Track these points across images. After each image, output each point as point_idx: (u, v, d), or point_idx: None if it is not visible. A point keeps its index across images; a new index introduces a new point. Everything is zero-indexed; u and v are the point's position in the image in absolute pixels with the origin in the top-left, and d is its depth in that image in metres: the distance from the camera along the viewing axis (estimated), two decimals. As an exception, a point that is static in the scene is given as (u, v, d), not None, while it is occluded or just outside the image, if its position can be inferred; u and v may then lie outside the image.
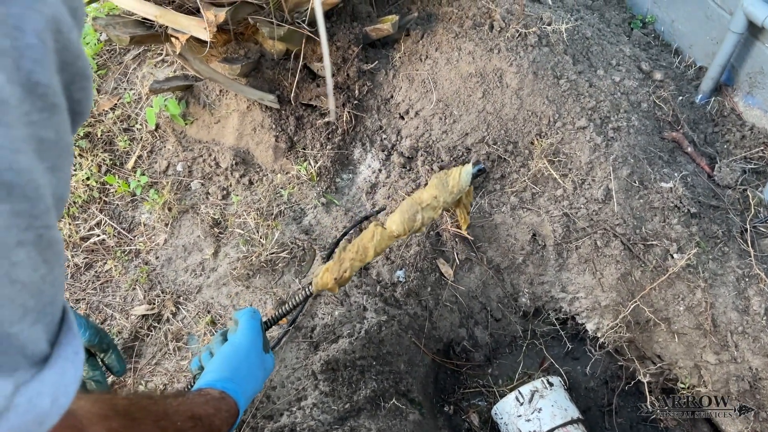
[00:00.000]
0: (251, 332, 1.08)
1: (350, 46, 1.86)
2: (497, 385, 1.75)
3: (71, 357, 0.41)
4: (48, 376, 0.39)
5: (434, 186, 1.13)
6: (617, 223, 1.66)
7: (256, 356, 1.05)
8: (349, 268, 1.20)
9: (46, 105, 0.32)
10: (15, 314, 0.35)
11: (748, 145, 1.88)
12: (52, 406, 0.39)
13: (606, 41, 2.00)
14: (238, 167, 1.86)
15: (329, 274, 1.22)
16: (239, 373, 0.99)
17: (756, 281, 1.59)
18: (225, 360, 1.01)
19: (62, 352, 0.41)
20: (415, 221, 1.11)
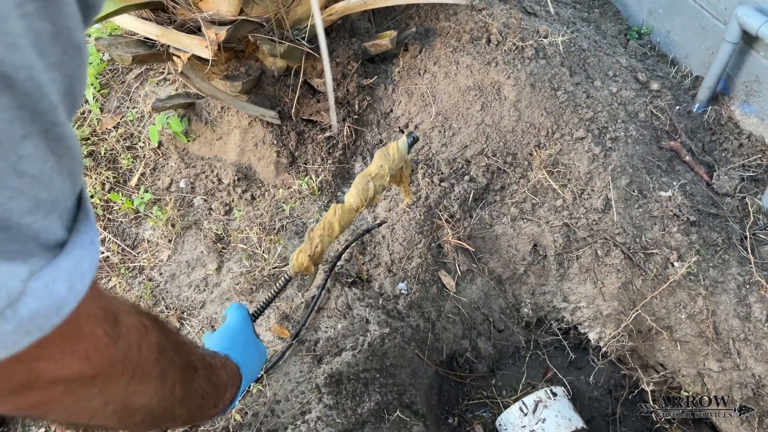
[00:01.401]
0: (241, 317, 1.12)
1: (350, 61, 1.88)
2: (501, 396, 1.75)
3: (87, 246, 0.42)
4: (64, 263, 0.40)
5: (378, 158, 1.27)
6: (617, 233, 1.67)
7: (249, 335, 1.09)
8: (320, 244, 1.28)
9: None
10: (26, 206, 0.35)
11: (746, 152, 1.90)
12: (69, 292, 0.40)
13: (602, 52, 2.02)
14: (240, 183, 1.88)
15: (303, 254, 1.29)
16: (236, 346, 1.02)
17: (757, 288, 1.59)
18: (221, 337, 1.05)
19: (78, 240, 0.41)
20: (368, 190, 1.25)
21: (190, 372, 0.68)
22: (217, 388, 0.80)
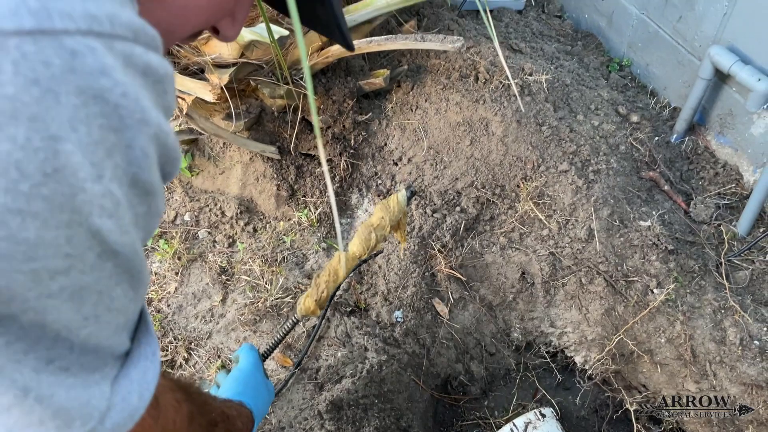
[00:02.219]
0: (252, 359, 1.23)
1: (345, 99, 1.98)
2: (493, 417, 1.85)
3: (150, 357, 0.49)
4: (134, 374, 0.47)
5: (380, 210, 1.36)
6: (600, 261, 1.77)
7: (260, 377, 1.20)
8: (325, 290, 1.38)
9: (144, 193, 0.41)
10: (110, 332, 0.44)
11: (722, 181, 2.00)
12: (139, 401, 0.47)
13: (585, 86, 2.13)
14: (243, 216, 1.97)
15: (310, 299, 1.39)
16: (248, 390, 1.13)
17: (731, 313, 1.70)
18: (234, 382, 1.15)
19: (143, 351, 0.49)
20: (370, 240, 1.34)
21: (212, 428, 0.78)
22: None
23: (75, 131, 0.34)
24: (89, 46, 0.34)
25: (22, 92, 0.32)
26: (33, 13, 0.32)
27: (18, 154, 0.32)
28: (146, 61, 0.38)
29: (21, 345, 0.38)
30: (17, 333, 0.37)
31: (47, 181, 0.33)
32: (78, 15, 0.33)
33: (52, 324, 0.38)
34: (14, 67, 0.31)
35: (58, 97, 0.33)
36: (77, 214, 0.36)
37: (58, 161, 0.33)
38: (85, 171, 0.35)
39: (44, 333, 0.38)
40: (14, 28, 0.31)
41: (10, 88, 0.31)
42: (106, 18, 0.35)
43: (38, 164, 0.33)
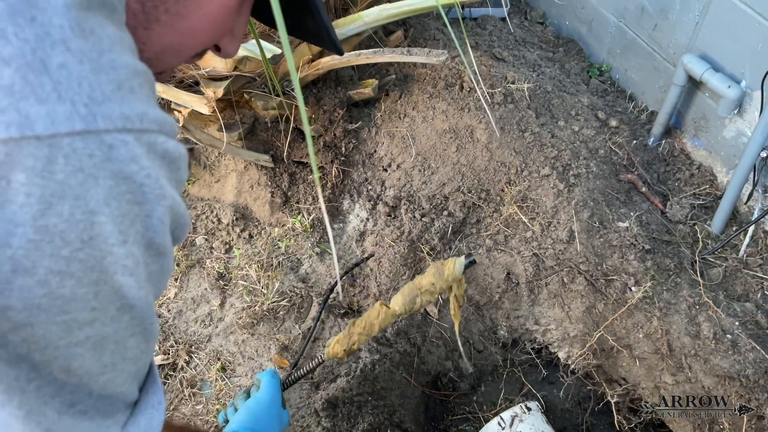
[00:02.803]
0: (272, 390, 1.27)
1: (336, 108, 2.06)
2: (482, 411, 1.94)
3: (156, 405, 0.56)
4: (141, 421, 0.54)
5: (432, 274, 1.30)
6: (581, 261, 1.86)
7: (275, 412, 1.24)
8: (356, 342, 1.37)
9: (158, 254, 0.48)
10: (124, 379, 0.51)
11: (697, 182, 2.10)
12: None
13: (566, 92, 2.21)
14: (239, 222, 2.05)
15: (339, 346, 1.39)
16: (259, 425, 1.18)
17: (705, 308, 1.79)
18: (249, 414, 1.20)
19: (150, 400, 0.56)
20: (414, 303, 1.30)
21: None
22: None
23: (108, 206, 0.42)
24: (123, 140, 0.42)
25: (70, 177, 0.40)
26: (82, 118, 0.40)
27: (63, 225, 0.40)
28: (165, 148, 0.46)
29: (49, 389, 0.44)
30: (47, 378, 0.44)
31: (84, 247, 0.41)
32: (116, 117, 0.42)
33: (77, 370, 0.45)
34: (65, 159, 0.39)
35: (97, 181, 0.41)
36: (105, 274, 0.43)
37: (94, 230, 0.41)
38: (114, 237, 0.43)
39: (69, 379, 0.45)
40: (67, 130, 0.40)
41: (61, 176, 0.39)
42: (137, 117, 0.43)
43: (78, 233, 0.41)
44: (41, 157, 0.38)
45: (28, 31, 0.39)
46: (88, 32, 0.42)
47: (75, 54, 0.40)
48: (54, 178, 0.39)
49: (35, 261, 0.39)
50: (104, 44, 0.43)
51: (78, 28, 0.41)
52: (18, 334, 0.41)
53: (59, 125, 0.39)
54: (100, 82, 0.41)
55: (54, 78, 0.39)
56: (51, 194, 0.39)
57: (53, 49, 0.39)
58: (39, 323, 0.41)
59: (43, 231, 0.39)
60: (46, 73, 0.39)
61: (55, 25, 0.40)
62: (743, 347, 1.72)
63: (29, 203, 0.38)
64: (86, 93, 0.40)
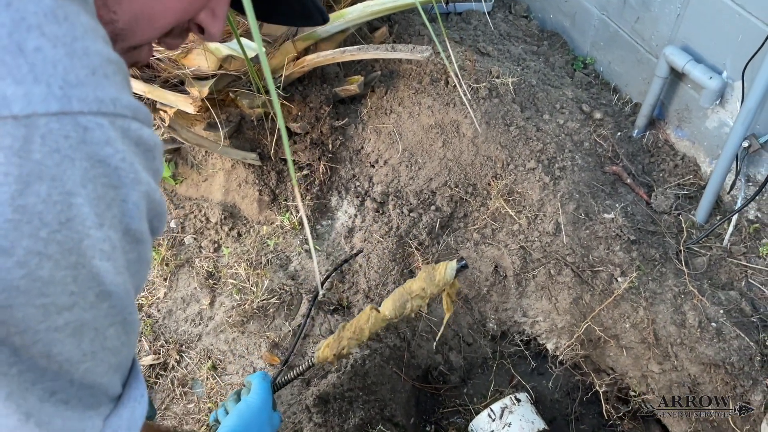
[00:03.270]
0: (263, 393, 1.25)
1: (322, 105, 2.06)
2: (472, 403, 1.95)
3: (139, 399, 0.57)
4: (124, 413, 0.55)
5: (423, 279, 1.31)
6: (567, 253, 1.88)
7: (266, 415, 1.23)
8: (346, 346, 1.38)
9: (135, 240, 0.49)
10: (105, 369, 0.51)
11: (681, 172, 2.12)
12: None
13: (550, 86, 2.23)
14: (227, 221, 2.05)
15: (329, 350, 1.40)
16: (250, 430, 1.18)
17: (690, 297, 1.81)
18: (240, 418, 1.19)
19: (132, 393, 0.56)
20: (405, 308, 1.31)
21: None
22: None
23: (84, 188, 0.43)
24: (98, 122, 0.43)
25: (47, 158, 0.41)
26: (58, 99, 0.41)
27: (40, 206, 0.41)
28: (140, 134, 0.47)
29: (30, 375, 0.45)
30: (28, 363, 0.44)
31: (61, 229, 0.42)
32: (90, 100, 0.43)
33: (57, 356, 0.46)
34: (42, 139, 0.41)
35: (73, 162, 0.42)
36: (83, 257, 0.44)
37: (71, 212, 0.42)
38: (91, 220, 0.44)
39: (49, 365, 0.46)
40: (44, 111, 0.41)
41: (38, 155, 0.40)
42: (110, 101, 0.45)
43: (55, 214, 0.42)
44: (18, 137, 0.40)
45: (5, 15, 0.41)
46: (62, 18, 0.43)
47: (50, 38, 0.42)
48: (31, 158, 0.40)
49: (14, 241, 0.40)
50: (78, 31, 0.44)
51: (52, 14, 0.43)
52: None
53: (36, 105, 0.40)
54: (74, 66, 0.43)
55: (29, 60, 0.41)
56: (28, 174, 0.40)
57: (29, 33, 0.41)
58: (18, 305, 0.42)
59: (21, 211, 0.40)
60: (21, 55, 0.40)
61: (30, 11, 0.42)
62: (728, 335, 1.75)
63: (7, 182, 0.39)
64: (61, 75, 0.42)
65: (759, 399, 1.69)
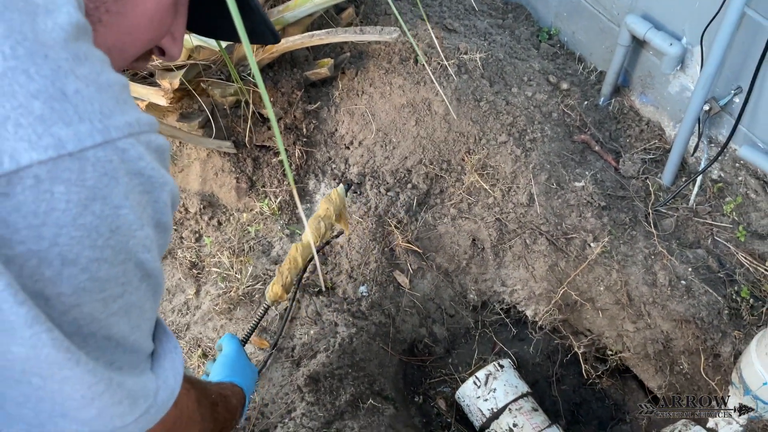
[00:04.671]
0: (235, 346, 1.39)
1: (293, 90, 2.08)
2: (458, 372, 2.02)
3: (173, 350, 0.67)
4: (167, 364, 0.64)
5: (324, 203, 1.56)
6: (541, 223, 1.94)
7: (245, 361, 1.36)
8: (288, 276, 1.58)
9: (164, 230, 0.58)
10: (146, 335, 0.61)
11: (646, 137, 2.19)
12: (175, 382, 0.65)
13: (517, 59, 2.27)
14: (206, 210, 2.07)
15: (277, 286, 1.59)
16: (236, 371, 1.30)
17: (660, 258, 1.89)
18: (222, 367, 1.31)
19: (167, 346, 0.66)
20: (320, 229, 1.54)
21: (214, 407, 0.93)
22: (232, 412, 1.05)
23: (127, 199, 0.51)
24: (130, 143, 0.52)
25: (98, 182, 0.49)
26: (100, 132, 0.49)
27: (96, 221, 0.49)
28: (158, 143, 0.56)
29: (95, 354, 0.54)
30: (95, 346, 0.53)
31: (113, 236, 0.51)
32: (122, 125, 0.51)
33: (115, 335, 0.55)
34: (93, 168, 0.49)
35: (117, 180, 0.50)
36: (129, 253, 0.53)
37: (119, 221, 0.51)
38: (135, 223, 0.52)
39: (110, 343, 0.55)
40: (91, 144, 0.49)
41: (91, 182, 0.48)
42: (135, 122, 0.53)
43: (108, 225, 0.50)
44: (75, 170, 0.47)
45: (46, 68, 0.47)
46: (83, 59, 0.50)
47: (82, 80, 0.49)
48: (86, 185, 0.48)
49: (78, 253, 0.48)
50: (97, 66, 0.51)
51: (77, 57, 0.50)
52: (70, 315, 0.50)
53: (84, 141, 0.48)
54: (105, 100, 0.50)
55: (73, 103, 0.48)
56: (86, 198, 0.48)
57: (67, 78, 0.48)
58: (85, 303, 0.50)
59: (81, 228, 0.48)
60: (66, 100, 0.48)
61: (63, 57, 0.48)
62: (697, 291, 1.83)
63: (69, 208, 0.47)
64: (98, 110, 0.49)
65: (728, 350, 1.78)
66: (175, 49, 0.73)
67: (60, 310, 0.49)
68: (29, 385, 0.50)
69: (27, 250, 0.46)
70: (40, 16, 0.48)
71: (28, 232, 0.46)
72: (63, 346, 0.49)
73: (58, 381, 0.50)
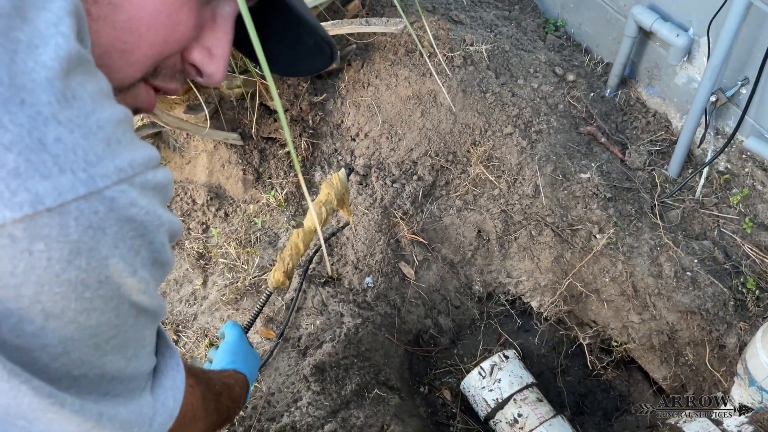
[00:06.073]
0: (237, 333, 1.38)
1: (300, 82, 2.08)
2: (463, 363, 2.03)
3: (175, 367, 0.63)
4: (167, 384, 0.61)
5: (325, 187, 1.53)
6: (547, 214, 1.94)
7: (247, 347, 1.36)
8: (290, 263, 1.56)
9: (162, 266, 0.53)
10: (145, 360, 0.57)
11: (653, 129, 2.18)
12: (174, 403, 0.61)
13: (523, 50, 2.27)
14: (213, 202, 2.08)
15: (278, 272, 1.56)
16: (239, 358, 1.29)
17: (666, 249, 1.89)
18: (225, 354, 1.30)
19: (169, 363, 0.62)
20: (321, 214, 1.51)
21: (218, 398, 0.93)
22: (235, 400, 1.06)
23: (117, 248, 0.47)
24: (121, 190, 0.47)
25: (83, 235, 0.45)
26: (83, 183, 0.45)
27: (82, 275, 0.45)
28: (156, 180, 0.51)
29: (86, 390, 0.50)
30: (86, 383, 0.50)
31: (101, 286, 0.47)
32: (111, 172, 0.46)
33: (109, 371, 0.52)
34: (75, 222, 0.44)
35: (104, 231, 0.46)
36: (122, 299, 0.49)
37: (108, 271, 0.47)
38: (126, 270, 0.48)
39: (103, 378, 0.52)
40: (73, 197, 0.44)
41: (75, 236, 0.45)
42: (128, 166, 0.48)
43: (95, 277, 0.46)
44: (55, 225, 0.43)
45: (22, 116, 0.42)
46: (71, 99, 0.45)
47: (65, 125, 0.44)
48: (69, 239, 0.44)
49: (63, 307, 0.45)
50: (87, 106, 0.46)
51: (63, 98, 0.44)
52: (57, 362, 0.47)
53: (65, 194, 0.43)
54: (91, 145, 0.45)
55: (52, 153, 0.43)
56: (69, 253, 0.44)
57: (46, 126, 0.43)
58: (74, 350, 0.48)
59: (66, 284, 0.45)
60: (44, 150, 0.43)
61: (44, 101, 0.43)
62: (703, 283, 1.83)
63: (51, 265, 0.44)
64: (82, 159, 0.44)
65: (734, 341, 1.78)
66: (213, 67, 0.62)
67: (45, 361, 0.47)
68: (15, 426, 0.48)
69: (4, 309, 0.43)
70: (20, 55, 0.43)
71: (5, 292, 0.43)
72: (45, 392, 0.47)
73: (44, 422, 0.48)
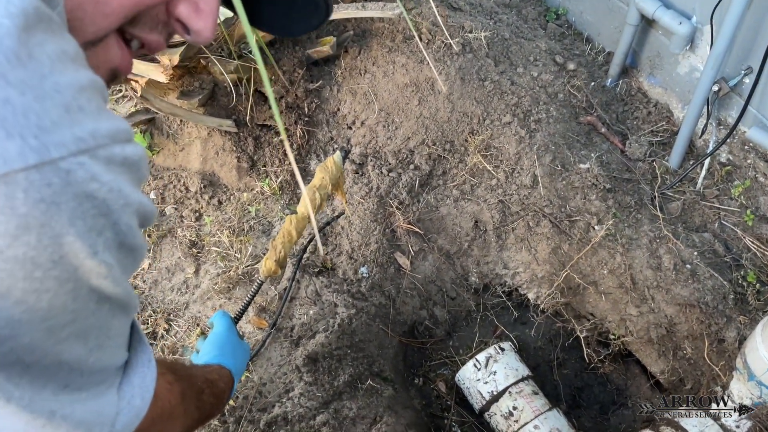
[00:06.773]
0: (226, 323, 1.33)
1: (295, 69, 2.05)
2: (458, 355, 2.01)
3: (147, 363, 0.60)
4: (135, 381, 0.58)
5: (319, 171, 1.48)
6: (545, 205, 1.91)
7: (235, 339, 1.30)
8: (282, 251, 1.50)
9: (130, 251, 0.50)
10: (112, 352, 0.55)
11: (654, 119, 2.15)
12: (142, 402, 0.58)
13: (523, 38, 2.23)
14: (207, 190, 2.05)
15: (270, 261, 1.51)
16: (225, 351, 1.24)
17: (665, 241, 1.86)
18: (212, 346, 1.26)
19: (140, 359, 0.60)
20: (315, 200, 1.46)
21: (200, 395, 0.90)
22: (218, 396, 1.02)
23: (73, 226, 0.44)
24: (79, 162, 0.43)
25: (33, 209, 0.41)
26: (35, 151, 0.41)
27: (32, 252, 0.42)
28: (124, 155, 0.47)
29: (42, 380, 0.48)
30: (40, 372, 0.47)
31: (55, 266, 0.43)
32: (68, 141, 0.42)
33: (67, 360, 0.49)
34: (24, 193, 0.41)
35: (59, 206, 0.42)
36: (79, 282, 0.46)
37: (63, 250, 0.43)
38: (84, 251, 0.45)
39: (61, 368, 0.49)
40: (22, 166, 0.40)
41: (23, 209, 0.41)
42: (89, 136, 0.44)
43: (47, 256, 0.43)
44: (0, 196, 0.40)
45: None
46: (26, 58, 0.41)
47: (16, 86, 0.40)
48: (16, 213, 0.40)
49: (10, 285, 0.42)
50: (45, 67, 0.42)
51: (15, 57, 0.41)
52: (5, 346, 0.44)
53: (12, 163, 0.40)
54: (46, 110, 0.41)
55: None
56: (15, 227, 0.41)
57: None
58: (22, 334, 0.44)
59: (12, 260, 0.41)
60: None
61: None
62: (702, 276, 1.81)
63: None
64: (34, 124, 0.41)
65: (733, 335, 1.76)
66: (200, 23, 0.59)
67: None
68: None
69: None
70: None
71: None
72: None
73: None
